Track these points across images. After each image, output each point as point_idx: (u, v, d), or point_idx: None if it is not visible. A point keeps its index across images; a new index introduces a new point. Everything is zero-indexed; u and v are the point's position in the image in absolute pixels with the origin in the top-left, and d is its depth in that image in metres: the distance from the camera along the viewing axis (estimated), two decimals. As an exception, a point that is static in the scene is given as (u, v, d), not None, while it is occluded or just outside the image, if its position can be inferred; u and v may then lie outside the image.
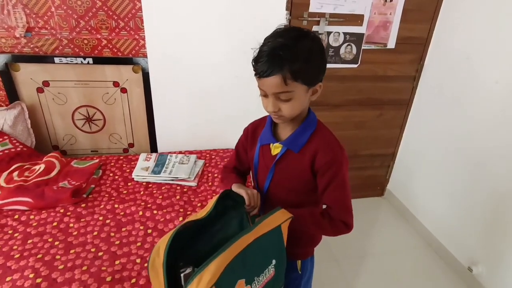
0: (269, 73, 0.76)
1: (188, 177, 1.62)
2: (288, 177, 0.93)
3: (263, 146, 0.96)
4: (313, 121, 0.91)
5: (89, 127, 1.83)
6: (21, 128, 1.69)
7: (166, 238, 0.70)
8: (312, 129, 0.89)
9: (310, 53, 0.78)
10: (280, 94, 0.79)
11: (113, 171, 1.69)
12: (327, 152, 0.87)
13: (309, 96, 0.85)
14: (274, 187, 0.96)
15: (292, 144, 0.89)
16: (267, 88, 0.79)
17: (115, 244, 1.25)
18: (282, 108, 0.82)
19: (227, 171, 1.10)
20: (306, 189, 0.94)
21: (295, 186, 0.93)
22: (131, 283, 1.10)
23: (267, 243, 0.78)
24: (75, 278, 1.11)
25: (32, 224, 1.34)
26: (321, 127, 0.92)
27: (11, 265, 1.15)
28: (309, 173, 0.89)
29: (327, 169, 0.87)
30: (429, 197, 2.13)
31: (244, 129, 1.05)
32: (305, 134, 0.89)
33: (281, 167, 0.92)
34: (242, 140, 1.06)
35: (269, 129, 0.94)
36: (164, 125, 1.87)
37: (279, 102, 0.81)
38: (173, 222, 1.36)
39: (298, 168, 0.90)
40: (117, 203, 1.46)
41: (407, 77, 2.12)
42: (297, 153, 0.89)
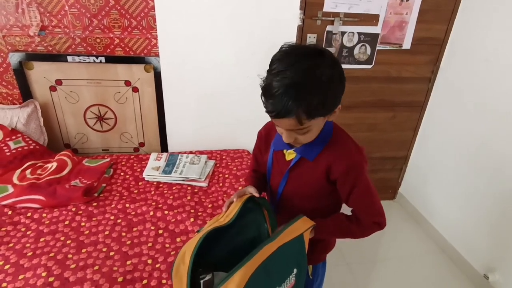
0: (283, 116, 0.70)
1: (199, 178, 1.61)
2: (302, 184, 0.90)
3: (277, 151, 0.93)
4: (329, 132, 0.86)
5: (100, 126, 1.83)
6: (34, 126, 1.70)
7: (191, 244, 0.68)
8: (328, 139, 0.85)
9: (326, 84, 0.70)
10: (296, 130, 0.75)
11: (124, 170, 1.69)
12: (343, 160, 0.83)
13: (326, 119, 0.80)
14: (288, 192, 0.94)
15: (306, 152, 0.86)
16: (282, 125, 0.75)
17: (126, 244, 1.25)
18: (298, 138, 0.79)
19: (249, 174, 1.10)
20: (320, 195, 0.92)
21: (309, 192, 0.91)
22: (143, 284, 1.09)
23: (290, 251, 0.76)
24: (87, 278, 1.10)
25: (45, 222, 1.34)
26: (337, 132, 0.87)
27: (24, 263, 1.15)
28: (323, 182, 0.87)
29: (346, 177, 0.84)
30: (442, 202, 2.08)
31: (258, 133, 1.03)
32: (320, 144, 0.85)
33: (295, 174, 0.90)
34: (257, 143, 1.05)
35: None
36: (175, 124, 1.86)
37: (295, 133, 0.77)
38: (184, 222, 1.35)
39: (313, 176, 0.87)
40: (128, 203, 1.45)
41: (422, 79, 2.08)
42: (312, 162, 0.86)
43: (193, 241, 0.69)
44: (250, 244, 0.85)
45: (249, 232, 0.85)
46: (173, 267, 0.68)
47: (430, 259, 2.01)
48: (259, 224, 0.86)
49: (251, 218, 0.86)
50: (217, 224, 0.75)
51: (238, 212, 0.81)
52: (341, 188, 0.86)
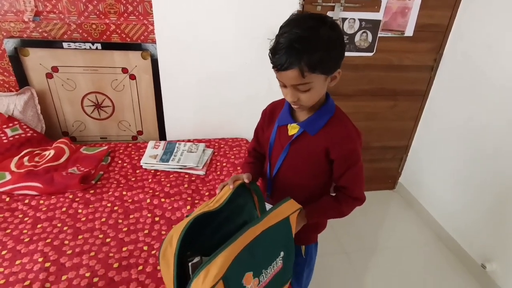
0: (287, 67, 0.75)
1: (196, 166, 1.60)
2: (300, 158, 0.93)
3: (281, 127, 0.96)
4: (331, 107, 0.91)
5: (98, 114, 1.82)
6: (31, 113, 1.69)
7: (179, 227, 0.68)
8: (330, 115, 0.89)
9: (328, 42, 0.76)
10: (298, 86, 0.79)
11: (121, 158, 1.68)
12: (344, 145, 0.87)
13: (327, 83, 0.84)
14: (285, 168, 0.96)
15: (309, 126, 0.89)
16: (285, 80, 0.79)
17: (123, 231, 1.25)
18: (301, 98, 0.82)
19: (247, 157, 1.13)
20: (316, 171, 0.94)
21: (306, 168, 0.94)
22: (138, 270, 1.10)
23: (276, 235, 0.76)
24: (83, 264, 1.11)
25: (42, 209, 1.35)
26: (339, 113, 0.91)
27: (20, 249, 1.16)
28: (322, 157, 0.90)
29: (344, 160, 0.89)
30: (442, 191, 2.07)
31: (262, 111, 1.06)
32: (322, 118, 0.89)
33: (295, 147, 0.92)
34: (260, 122, 1.07)
35: (287, 110, 0.94)
36: (173, 113, 1.85)
37: (297, 92, 0.81)
38: (181, 210, 1.35)
39: (312, 150, 0.90)
40: (125, 190, 1.45)
41: (424, 67, 2.04)
42: (313, 136, 0.89)
43: (181, 225, 0.69)
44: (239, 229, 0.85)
45: (239, 218, 0.85)
46: (160, 249, 0.68)
47: (428, 248, 2.01)
48: (249, 210, 0.86)
49: (241, 204, 0.85)
50: (207, 209, 0.75)
51: (229, 198, 0.80)
52: (337, 168, 0.91)
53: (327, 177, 0.96)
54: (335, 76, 0.83)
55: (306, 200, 0.96)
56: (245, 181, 0.86)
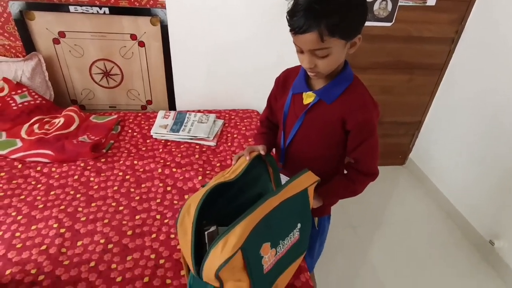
0: (305, 30, 0.71)
1: (207, 137, 1.58)
2: (315, 128, 0.90)
3: (295, 95, 0.92)
4: (349, 75, 0.87)
5: (106, 82, 1.78)
6: (39, 80, 1.66)
7: (197, 197, 0.67)
8: (348, 83, 0.86)
9: (349, 5, 0.71)
10: (316, 50, 0.75)
11: (131, 127, 1.67)
12: (362, 113, 0.84)
13: (347, 49, 0.79)
14: (299, 138, 0.94)
15: (325, 94, 0.86)
16: (303, 44, 0.75)
17: (135, 199, 1.26)
18: (318, 64, 0.78)
19: (260, 127, 1.10)
20: (331, 141, 0.92)
21: (320, 138, 0.92)
22: (151, 237, 1.11)
23: (293, 206, 0.75)
24: (97, 230, 1.12)
25: (54, 176, 1.35)
26: (357, 82, 0.88)
27: (35, 215, 1.17)
28: (338, 127, 0.87)
29: (359, 131, 0.86)
30: (453, 168, 2.04)
31: (276, 79, 1.02)
32: (339, 86, 0.85)
33: (310, 116, 0.90)
34: (273, 90, 1.03)
35: (302, 78, 0.90)
36: (183, 82, 1.81)
37: (315, 58, 0.77)
38: (192, 180, 1.35)
39: (328, 119, 0.87)
40: (136, 160, 1.45)
41: (444, 39, 1.95)
42: (329, 105, 0.86)
43: (198, 194, 0.67)
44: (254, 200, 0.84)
45: (254, 189, 0.84)
46: (178, 218, 0.67)
47: (436, 224, 2.02)
48: (264, 182, 0.84)
49: (256, 175, 0.84)
50: (223, 180, 0.73)
51: (245, 169, 0.79)
52: (352, 139, 0.88)
53: (342, 149, 0.94)
54: (355, 42, 0.79)
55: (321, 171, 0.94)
56: (261, 152, 0.84)
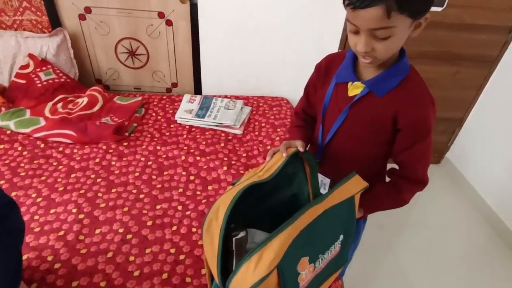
0: (369, 3, 0.58)
1: (233, 124, 1.49)
2: (361, 125, 0.78)
3: (339, 84, 0.80)
4: (406, 66, 0.74)
5: (132, 62, 1.71)
6: (64, 57, 1.61)
7: (227, 199, 0.58)
8: (404, 75, 0.73)
9: None
10: (377, 30, 0.62)
11: (155, 111, 1.60)
12: (418, 110, 0.72)
13: (410, 32, 0.66)
14: (342, 134, 0.82)
15: (377, 86, 0.73)
16: (362, 22, 0.62)
17: (157, 187, 1.19)
18: (376, 48, 0.65)
19: (295, 119, 0.98)
20: (378, 141, 0.80)
21: (367, 136, 0.80)
22: (172, 230, 1.04)
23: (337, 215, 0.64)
24: (116, 219, 1.07)
25: (76, 158, 1.31)
26: (415, 74, 0.75)
27: (55, 198, 1.13)
28: (388, 125, 0.75)
29: (412, 131, 0.74)
30: (494, 170, 1.86)
31: (317, 65, 0.88)
32: (394, 78, 0.73)
33: (356, 111, 0.77)
34: (313, 78, 0.90)
35: (349, 65, 0.77)
36: (210, 65, 1.71)
37: (373, 40, 0.64)
38: (217, 171, 1.26)
39: (377, 115, 0.75)
40: (159, 145, 1.38)
41: (501, 28, 1.73)
42: (380, 98, 0.74)
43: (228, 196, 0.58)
44: (287, 202, 0.74)
45: (288, 189, 0.74)
46: (205, 221, 0.59)
47: (472, 228, 1.86)
48: (300, 182, 0.74)
49: (291, 173, 0.73)
50: (256, 179, 0.63)
51: (281, 167, 0.69)
52: (402, 139, 0.76)
53: (389, 150, 0.81)
54: (420, 24, 0.66)
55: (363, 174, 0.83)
56: (299, 149, 0.73)
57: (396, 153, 0.79)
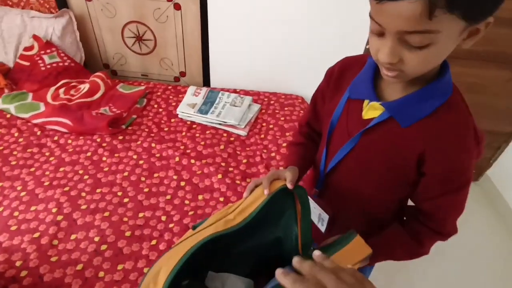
0: None
1: (238, 124, 1.35)
2: (374, 158, 0.60)
3: (353, 100, 0.61)
4: (448, 85, 0.53)
5: (139, 48, 1.61)
6: (69, 40, 1.54)
7: (172, 260, 0.45)
8: (443, 99, 0.52)
9: None
10: (411, 34, 0.43)
11: (158, 102, 1.49)
12: (457, 151, 0.53)
13: (460, 40, 0.45)
14: (348, 165, 0.64)
15: (402, 112, 0.54)
16: (389, 21, 0.43)
17: (144, 191, 1.10)
18: (405, 60, 0.45)
19: (297, 134, 0.80)
20: (395, 181, 0.61)
21: (380, 173, 0.61)
22: (151, 245, 0.95)
23: None
24: (94, 224, 0.99)
25: (68, 149, 1.25)
26: (457, 98, 0.54)
27: (39, 193, 1.08)
28: (411, 164, 0.56)
29: (446, 178, 0.55)
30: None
31: (328, 70, 0.69)
32: (429, 102, 0.53)
33: (370, 139, 0.59)
34: (322, 86, 0.71)
35: (369, 76, 0.58)
36: (220, 55, 1.56)
37: (403, 48, 0.45)
38: (210, 178, 1.14)
39: (398, 150, 0.56)
40: (155, 142, 1.28)
41: None
42: (404, 128, 0.54)
43: (174, 254, 0.45)
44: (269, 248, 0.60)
45: (271, 231, 0.59)
46: (140, 285, 0.46)
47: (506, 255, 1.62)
48: (288, 222, 0.59)
49: (278, 212, 0.58)
50: (221, 229, 0.50)
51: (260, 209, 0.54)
52: (428, 187, 0.58)
53: (410, 189, 0.63)
54: (478, 31, 0.44)
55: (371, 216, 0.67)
56: (288, 186, 0.57)
57: (420, 200, 0.61)
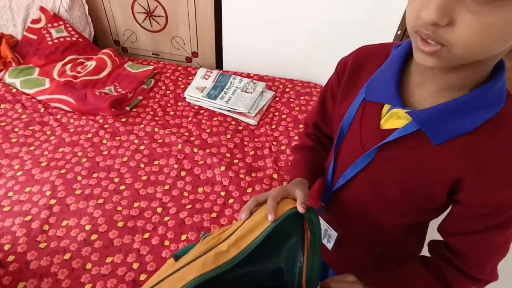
0: None
1: (248, 112, 1.25)
2: (393, 180, 0.47)
3: (369, 103, 0.48)
4: (501, 93, 0.40)
5: (150, 24, 1.52)
6: (78, 14, 1.47)
7: None
8: (494, 111, 0.40)
9: None
10: None
11: (166, 83, 1.41)
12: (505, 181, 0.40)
13: None
14: (360, 184, 0.52)
15: (437, 124, 0.41)
16: None
17: (141, 179, 1.03)
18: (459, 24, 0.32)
19: (304, 136, 0.67)
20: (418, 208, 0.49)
21: (400, 198, 0.48)
22: (143, 238, 0.89)
23: None
24: (87, 211, 0.94)
25: (70, 129, 1.20)
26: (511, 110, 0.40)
27: (35, 174, 1.04)
28: (442, 189, 0.44)
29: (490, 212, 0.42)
30: None
31: (340, 61, 0.55)
32: (473, 114, 0.40)
33: (389, 156, 0.46)
34: (332, 82, 0.57)
35: (393, 73, 0.45)
36: (234, 35, 1.45)
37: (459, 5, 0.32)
38: (213, 170, 1.06)
39: (425, 173, 0.44)
40: (159, 127, 1.20)
41: None
42: (436, 146, 0.42)
43: None
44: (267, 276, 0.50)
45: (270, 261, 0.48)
46: None
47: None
48: (292, 252, 0.48)
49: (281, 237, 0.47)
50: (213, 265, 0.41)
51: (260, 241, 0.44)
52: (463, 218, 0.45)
53: (431, 217, 0.52)
54: None
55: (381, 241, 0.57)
56: (299, 210, 0.45)
57: (449, 233, 0.48)
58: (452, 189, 0.43)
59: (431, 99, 0.42)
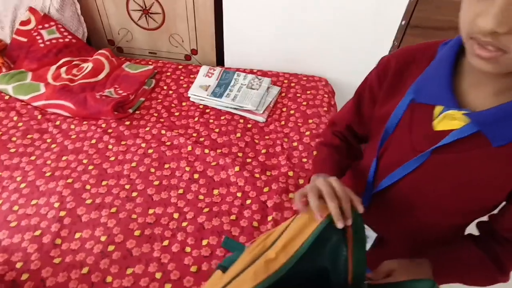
0: None
1: (255, 109, 1.22)
2: (446, 183, 0.46)
3: (418, 104, 0.47)
4: None
5: (146, 22, 1.46)
6: (70, 13, 1.40)
7: None
8: None
9: None
10: None
11: (168, 83, 1.37)
12: None
13: None
14: (406, 187, 0.50)
15: (498, 126, 0.40)
16: None
17: (154, 184, 1.00)
18: None
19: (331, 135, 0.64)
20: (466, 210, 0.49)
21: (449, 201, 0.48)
22: (162, 245, 0.86)
23: None
24: (100, 222, 0.90)
25: (71, 136, 1.15)
26: None
27: (40, 185, 0.99)
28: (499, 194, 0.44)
29: None
30: None
31: (382, 62, 0.53)
32: None
33: (444, 159, 0.45)
34: (371, 82, 0.54)
35: (445, 74, 0.43)
36: (235, 31, 1.40)
37: None
38: (226, 170, 1.03)
39: (483, 176, 0.43)
40: (165, 129, 1.16)
41: None
42: (497, 148, 0.41)
43: None
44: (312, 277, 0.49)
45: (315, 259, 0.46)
46: None
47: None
48: (336, 248, 0.47)
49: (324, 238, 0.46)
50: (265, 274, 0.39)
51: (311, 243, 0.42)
52: None
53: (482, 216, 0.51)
54: None
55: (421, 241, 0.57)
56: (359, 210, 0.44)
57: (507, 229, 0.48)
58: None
59: (490, 99, 0.40)
